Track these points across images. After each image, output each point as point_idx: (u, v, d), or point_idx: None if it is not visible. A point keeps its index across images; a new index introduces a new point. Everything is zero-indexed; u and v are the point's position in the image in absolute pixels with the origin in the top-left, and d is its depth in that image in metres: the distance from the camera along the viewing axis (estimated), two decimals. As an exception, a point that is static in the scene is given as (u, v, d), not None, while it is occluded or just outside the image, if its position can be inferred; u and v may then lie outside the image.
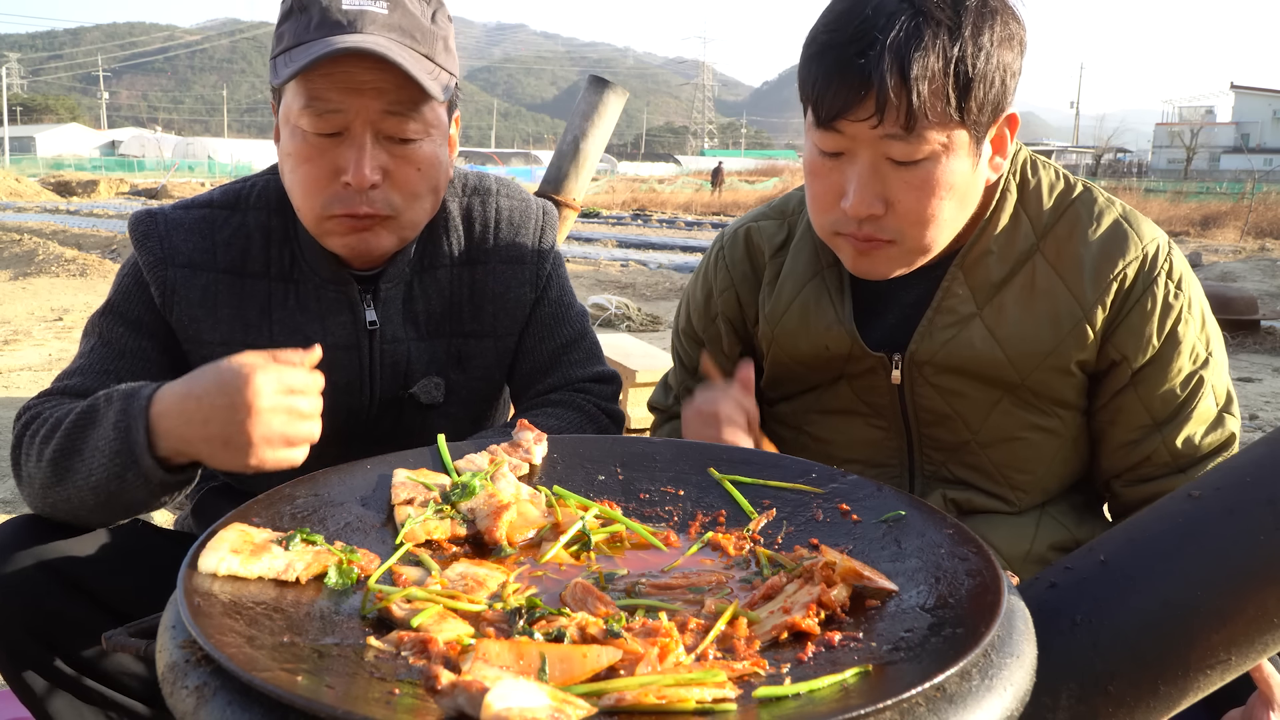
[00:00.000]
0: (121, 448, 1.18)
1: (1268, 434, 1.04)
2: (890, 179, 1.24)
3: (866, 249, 1.30)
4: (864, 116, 1.19)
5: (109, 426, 1.19)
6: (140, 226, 1.46)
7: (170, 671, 0.73)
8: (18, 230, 15.61)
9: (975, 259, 1.38)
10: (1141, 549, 1.00)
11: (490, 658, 0.71)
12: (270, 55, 1.41)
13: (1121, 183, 35.82)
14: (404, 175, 1.38)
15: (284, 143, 1.39)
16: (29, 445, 1.29)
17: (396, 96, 1.34)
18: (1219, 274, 12.58)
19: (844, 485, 1.11)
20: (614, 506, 1.10)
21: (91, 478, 1.21)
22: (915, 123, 1.18)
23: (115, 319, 1.44)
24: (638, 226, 24.45)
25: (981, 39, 1.19)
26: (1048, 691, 0.92)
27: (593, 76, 3.20)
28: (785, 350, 1.52)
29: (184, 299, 1.44)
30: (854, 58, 1.17)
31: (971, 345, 1.37)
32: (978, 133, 1.23)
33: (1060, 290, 1.35)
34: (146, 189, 33.92)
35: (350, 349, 1.49)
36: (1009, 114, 1.28)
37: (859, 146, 1.23)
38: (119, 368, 1.41)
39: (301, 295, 1.48)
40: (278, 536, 0.91)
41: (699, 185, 42.35)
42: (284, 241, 1.49)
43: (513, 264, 1.59)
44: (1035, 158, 1.44)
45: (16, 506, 3.89)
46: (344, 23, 1.31)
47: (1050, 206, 1.38)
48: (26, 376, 6.26)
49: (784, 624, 0.81)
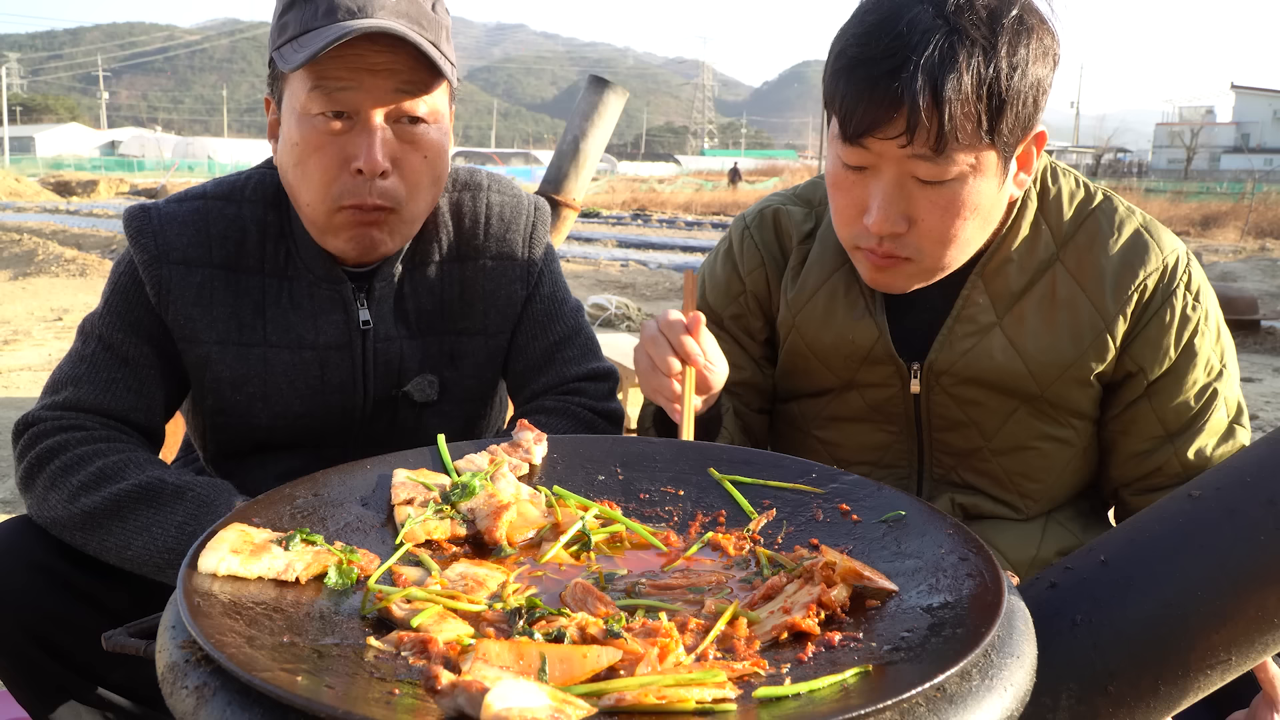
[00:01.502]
0: (178, 548, 1.21)
1: (1268, 434, 1.04)
2: (915, 197, 1.22)
3: (885, 264, 1.29)
4: (893, 135, 1.17)
5: (172, 526, 1.23)
6: (134, 222, 1.45)
7: (170, 671, 0.73)
8: (17, 230, 15.61)
9: (996, 268, 1.36)
10: (1141, 549, 1.00)
11: (490, 658, 0.71)
12: (272, 46, 1.40)
13: (1122, 183, 35.81)
14: (411, 164, 1.38)
15: (289, 134, 1.38)
16: (56, 475, 1.29)
17: (408, 77, 1.34)
18: (1219, 274, 12.58)
19: (844, 485, 1.11)
20: (614, 506, 1.10)
21: (127, 550, 1.24)
22: (945, 144, 1.16)
23: (114, 322, 1.44)
24: (638, 226, 24.46)
25: (1016, 58, 1.16)
26: (1048, 691, 0.92)
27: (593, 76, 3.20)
28: (805, 339, 1.49)
29: (179, 297, 1.43)
30: (887, 76, 1.15)
31: (991, 356, 1.36)
32: (1007, 153, 1.22)
33: (1081, 301, 1.34)
34: (146, 189, 33.90)
35: (343, 348, 1.49)
36: (1038, 131, 1.26)
37: (885, 163, 1.21)
38: (123, 376, 1.41)
39: (295, 293, 1.47)
40: (278, 536, 0.91)
41: (699, 185, 42.33)
42: (279, 237, 1.48)
43: (503, 260, 1.57)
44: (1055, 165, 1.42)
45: (16, 507, 3.88)
46: (353, 9, 1.32)
47: (1070, 216, 1.37)
48: (26, 376, 6.26)
49: (784, 624, 0.81)
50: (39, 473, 1.31)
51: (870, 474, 1.38)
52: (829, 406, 1.51)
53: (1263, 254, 15.61)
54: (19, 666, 1.28)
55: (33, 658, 1.26)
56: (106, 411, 1.38)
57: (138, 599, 1.28)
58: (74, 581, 1.27)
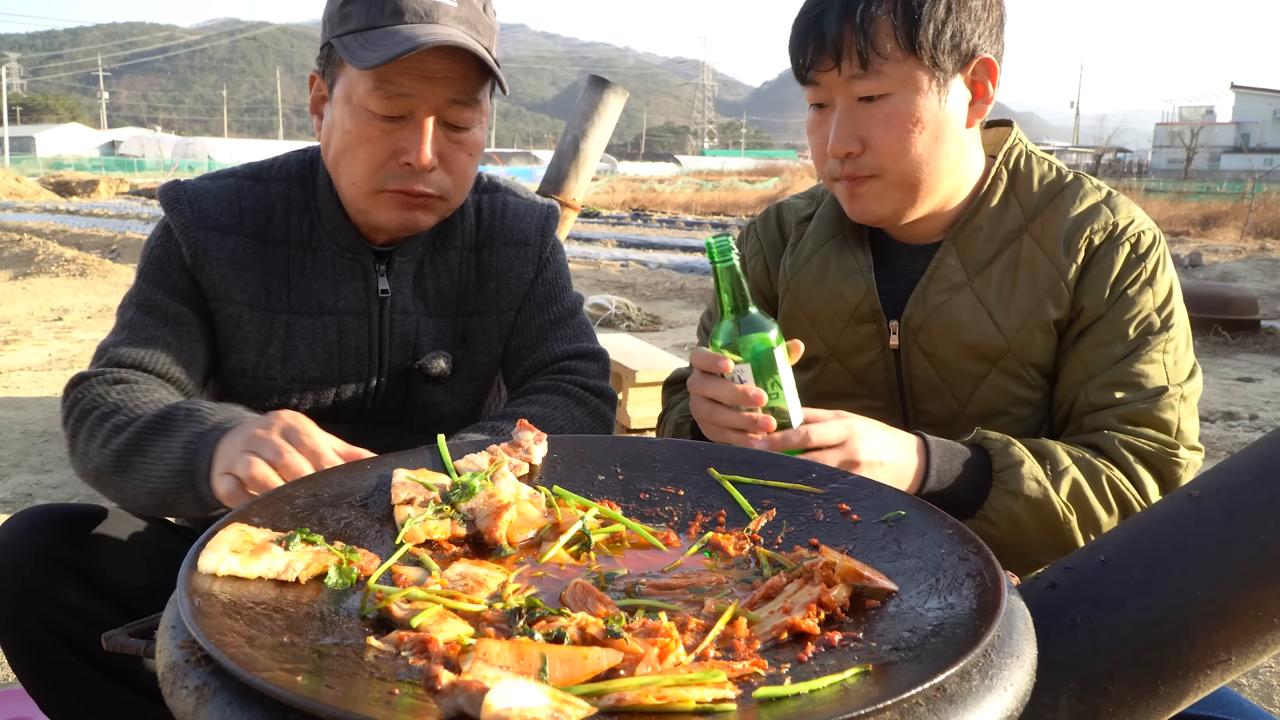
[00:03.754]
0: (185, 468, 1.22)
1: (1268, 434, 1.04)
2: (861, 118, 1.37)
3: (854, 187, 1.42)
4: (828, 67, 1.36)
5: (179, 445, 1.24)
6: (170, 193, 1.53)
7: (170, 671, 0.73)
8: (17, 230, 15.60)
9: (968, 235, 1.47)
10: (1141, 549, 1.00)
11: (490, 658, 0.71)
12: (331, 33, 1.44)
13: (1121, 183, 35.80)
14: (457, 160, 1.47)
15: (340, 120, 1.44)
16: (94, 425, 1.33)
17: (463, 87, 1.42)
18: (1219, 274, 12.57)
19: (844, 485, 1.11)
20: (614, 506, 1.10)
21: (150, 483, 1.26)
22: (869, 62, 1.32)
23: (152, 287, 1.49)
24: (638, 226, 24.45)
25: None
26: (1048, 691, 0.92)
27: (593, 76, 3.20)
28: (799, 300, 1.60)
29: (214, 259, 1.49)
30: (816, 19, 1.35)
31: (962, 312, 1.46)
32: (938, 70, 1.34)
33: (1041, 259, 1.44)
34: (146, 189, 33.91)
35: (360, 314, 1.55)
36: (982, 59, 1.38)
37: (834, 94, 1.39)
38: (164, 334, 1.47)
39: (318, 262, 1.54)
40: (278, 536, 0.91)
41: (699, 185, 42.34)
42: (303, 210, 1.55)
43: (517, 246, 1.66)
44: (1033, 153, 1.51)
45: (15, 506, 3.89)
46: (420, 13, 1.38)
47: (1040, 192, 1.47)
48: (26, 376, 6.26)
49: (784, 624, 0.81)
50: (81, 426, 1.35)
51: None
52: (816, 382, 1.59)
53: (1263, 254, 15.60)
54: (31, 656, 1.28)
55: (45, 648, 1.27)
56: (150, 368, 1.44)
57: (151, 589, 1.29)
58: (87, 572, 1.28)
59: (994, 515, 1.29)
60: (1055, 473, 1.31)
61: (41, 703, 1.33)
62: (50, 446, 4.69)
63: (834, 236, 1.59)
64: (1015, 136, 1.52)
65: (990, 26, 1.37)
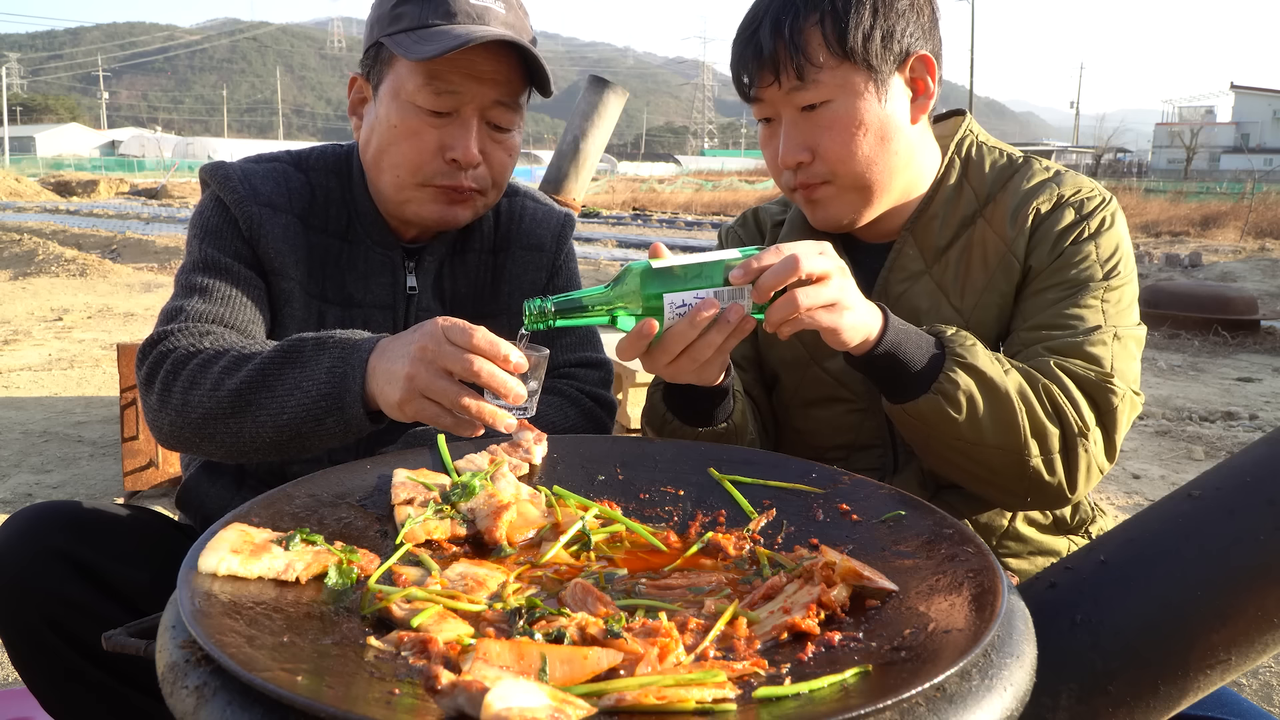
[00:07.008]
0: (331, 391, 1.21)
1: (1268, 434, 1.04)
2: (806, 127, 1.40)
3: (809, 194, 1.45)
4: (768, 82, 1.38)
5: (321, 370, 1.22)
6: (219, 171, 1.53)
7: (170, 671, 0.73)
8: (18, 230, 15.60)
9: (924, 224, 1.50)
10: (1141, 549, 1.00)
11: (490, 658, 0.71)
12: (380, 32, 1.47)
13: (1121, 183, 35.80)
14: (498, 159, 1.52)
15: (386, 115, 1.46)
16: (196, 372, 1.30)
17: (509, 89, 1.47)
18: (1219, 274, 12.56)
19: (844, 485, 1.11)
20: (614, 506, 1.10)
21: (282, 415, 1.24)
22: (805, 72, 1.35)
23: (215, 252, 1.48)
24: (638, 226, 24.45)
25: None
26: (1048, 691, 0.92)
27: (593, 76, 3.20)
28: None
29: (269, 233, 1.50)
30: (751, 37, 1.39)
31: (920, 298, 1.48)
32: (874, 72, 1.36)
33: (992, 238, 1.46)
34: (146, 189, 33.93)
35: (387, 309, 1.58)
36: (918, 55, 1.39)
37: (778, 108, 1.41)
38: (236, 294, 1.46)
39: (353, 255, 1.57)
40: (278, 536, 0.91)
41: (699, 185, 42.33)
42: (341, 203, 1.58)
43: (532, 251, 1.69)
44: (984, 142, 1.55)
45: (15, 507, 3.89)
46: (473, 15, 1.44)
47: (991, 176, 1.50)
48: (26, 376, 6.26)
49: (784, 624, 0.81)
50: (175, 379, 1.31)
51: (850, 457, 1.51)
52: (799, 391, 1.59)
53: (1263, 254, 15.59)
54: (33, 653, 1.28)
55: (47, 644, 1.27)
56: (229, 323, 1.43)
57: (154, 586, 1.29)
58: (90, 568, 1.28)
59: (950, 388, 1.24)
60: (1004, 367, 1.29)
61: (43, 700, 1.33)
62: (50, 446, 4.69)
63: (805, 239, 1.59)
64: (967, 126, 1.54)
65: (921, 24, 1.39)
